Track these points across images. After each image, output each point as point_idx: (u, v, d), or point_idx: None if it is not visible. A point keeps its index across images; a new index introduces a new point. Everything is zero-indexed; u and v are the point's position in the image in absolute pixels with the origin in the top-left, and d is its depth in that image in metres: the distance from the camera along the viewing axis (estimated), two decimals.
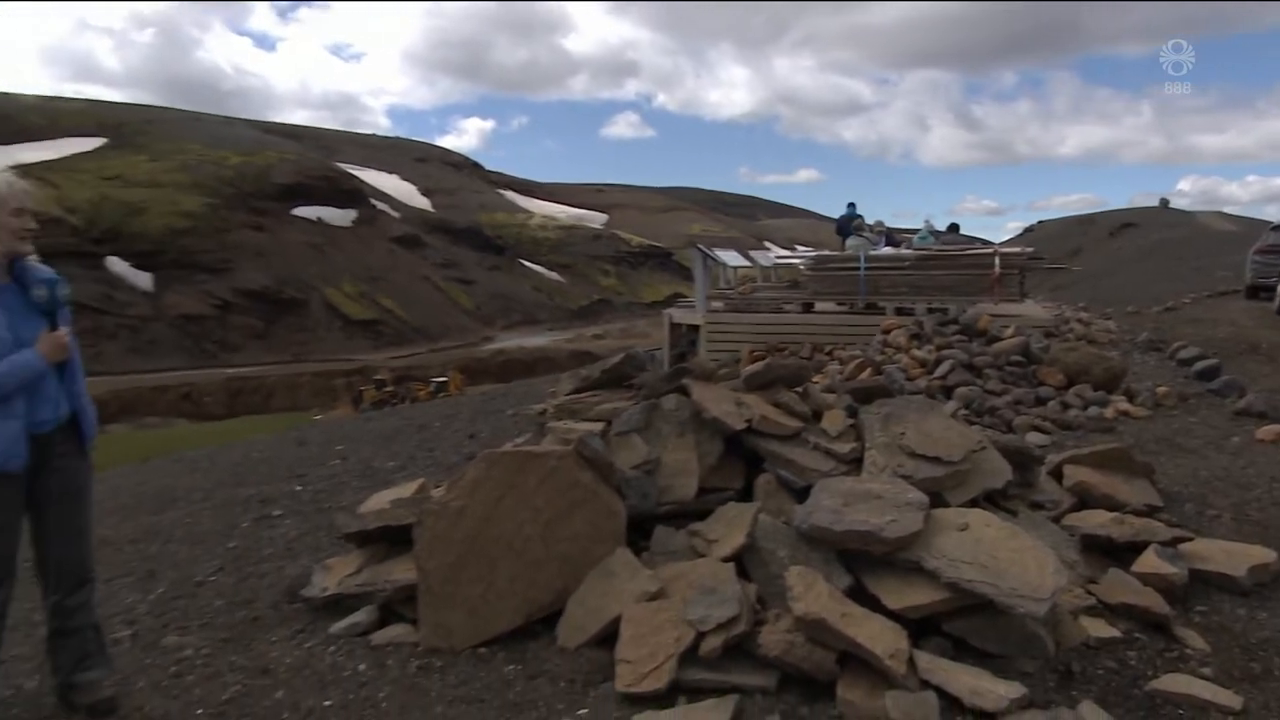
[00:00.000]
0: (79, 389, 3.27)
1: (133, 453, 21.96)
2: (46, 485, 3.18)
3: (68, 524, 3.26)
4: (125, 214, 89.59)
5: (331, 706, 3.29)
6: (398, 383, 54.41)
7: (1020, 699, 2.96)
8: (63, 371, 3.19)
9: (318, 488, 6.78)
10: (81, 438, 3.29)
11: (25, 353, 3.03)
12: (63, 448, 3.21)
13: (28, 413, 3.06)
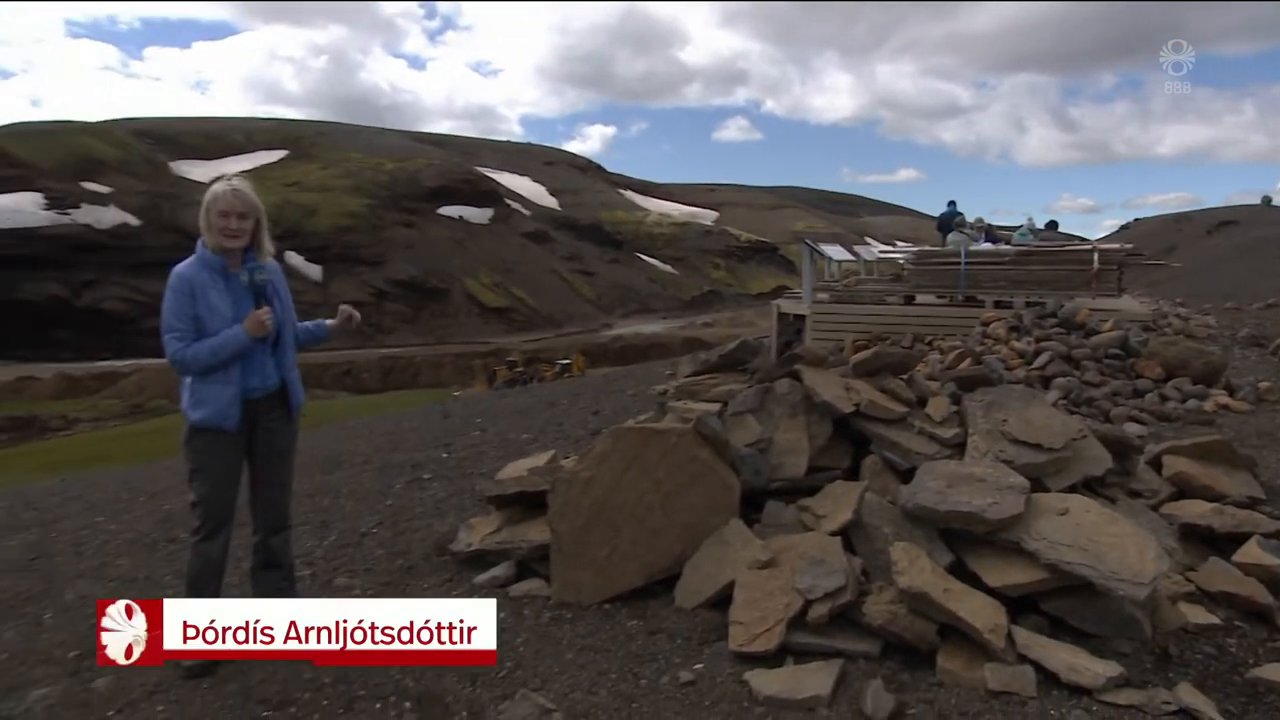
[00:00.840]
0: (288, 363, 3.47)
1: (305, 420, 23.02)
2: (259, 443, 3.42)
3: (274, 477, 3.51)
4: (301, 215, 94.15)
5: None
6: (527, 364, 55.38)
7: (1117, 678, 2.82)
8: (275, 347, 3.40)
9: (461, 455, 6.96)
10: (289, 405, 3.47)
11: (235, 329, 3.25)
12: (273, 412, 3.43)
13: (241, 380, 3.30)
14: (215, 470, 3.35)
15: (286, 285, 3.55)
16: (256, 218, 3.35)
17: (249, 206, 3.32)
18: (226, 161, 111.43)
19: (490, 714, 2.91)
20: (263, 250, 3.40)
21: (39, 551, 5.39)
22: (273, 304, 3.38)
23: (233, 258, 3.34)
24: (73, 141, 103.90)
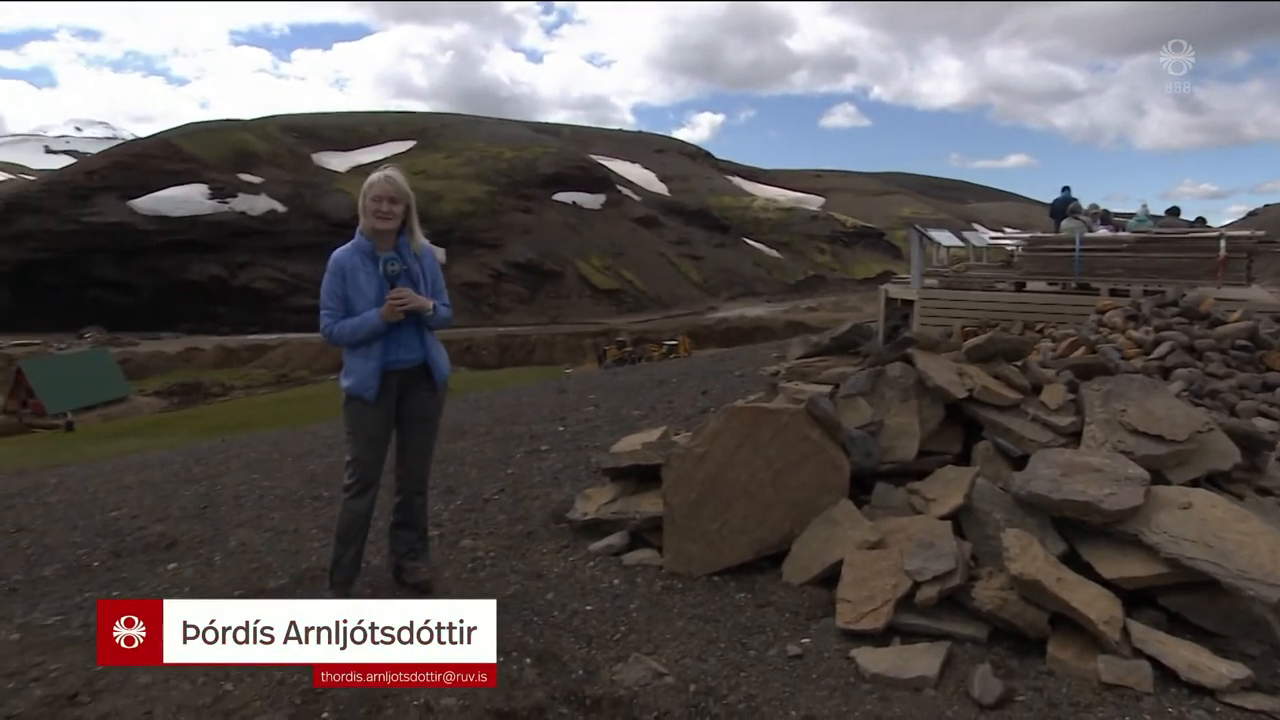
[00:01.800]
0: (429, 341, 3.57)
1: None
2: (405, 411, 3.59)
3: (417, 444, 3.67)
4: (428, 201, 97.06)
5: (592, 611, 3.45)
6: (635, 344, 55.76)
7: (1244, 680, 2.63)
8: (419, 326, 3.53)
9: (576, 429, 7.07)
10: (433, 378, 3.60)
11: (371, 313, 3.41)
12: (418, 384, 3.58)
13: (383, 355, 3.46)
14: (363, 434, 3.53)
15: (438, 267, 3.66)
16: (407, 204, 3.47)
17: (400, 192, 3.44)
18: (361, 153, 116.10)
19: (605, 674, 2.95)
20: (414, 234, 3.52)
21: (208, 501, 5.79)
22: (418, 287, 3.49)
23: (385, 241, 3.47)
24: (232, 138, 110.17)
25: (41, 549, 4.96)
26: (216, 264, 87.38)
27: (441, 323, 3.60)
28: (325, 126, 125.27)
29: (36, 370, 47.06)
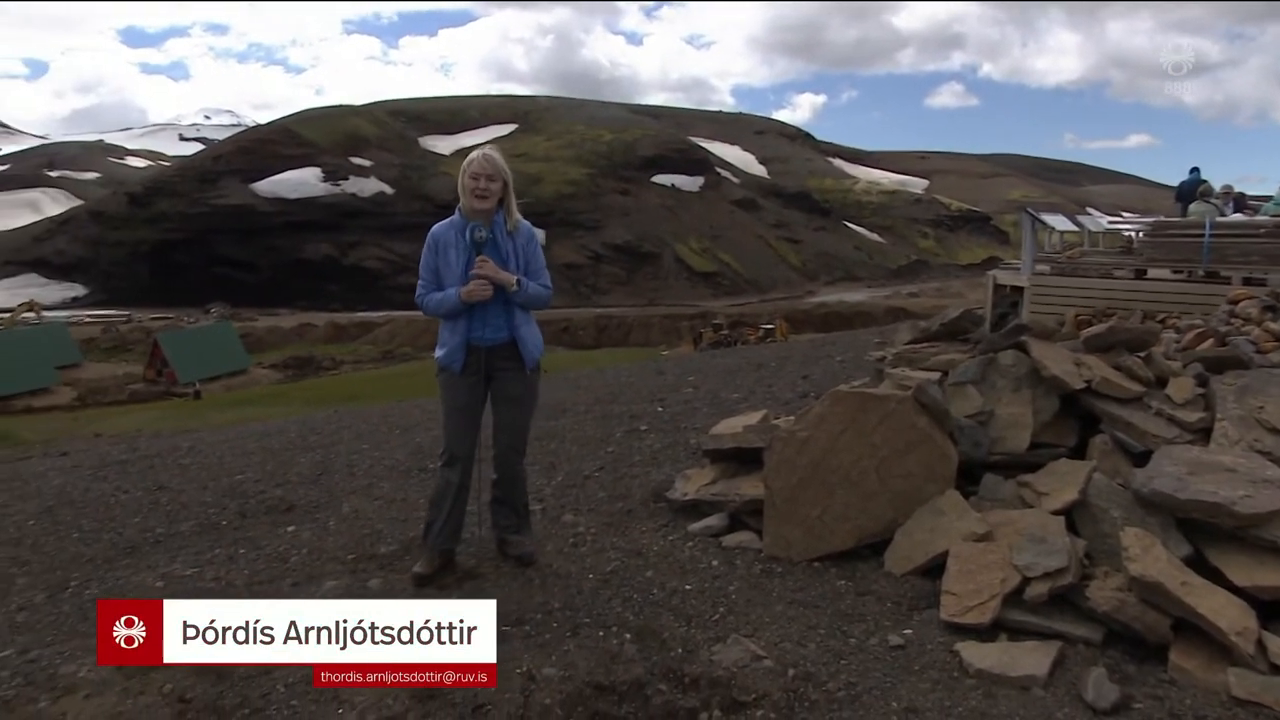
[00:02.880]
0: (516, 321, 3.57)
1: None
2: (494, 389, 3.66)
3: (506, 422, 3.70)
4: (528, 183, 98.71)
5: (691, 590, 3.46)
6: (732, 327, 55.42)
7: None
8: (508, 304, 3.56)
9: (675, 410, 7.09)
10: (521, 358, 3.62)
11: (450, 291, 3.51)
12: (505, 362, 3.61)
13: (468, 330, 3.55)
14: (450, 404, 3.64)
15: (537, 246, 3.67)
16: (504, 181, 3.51)
17: (496, 170, 3.49)
18: (464, 136, 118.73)
19: (704, 653, 2.97)
20: (510, 213, 3.56)
21: (322, 469, 6.09)
22: (507, 263, 3.52)
23: (483, 219, 3.52)
24: (344, 123, 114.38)
25: (178, 506, 5.33)
26: (329, 243, 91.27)
27: (533, 302, 3.59)
28: (431, 111, 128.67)
29: (170, 342, 50.30)
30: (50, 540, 4.88)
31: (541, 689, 2.78)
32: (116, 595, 3.83)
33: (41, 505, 5.74)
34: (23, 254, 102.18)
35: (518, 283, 3.50)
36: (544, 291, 3.62)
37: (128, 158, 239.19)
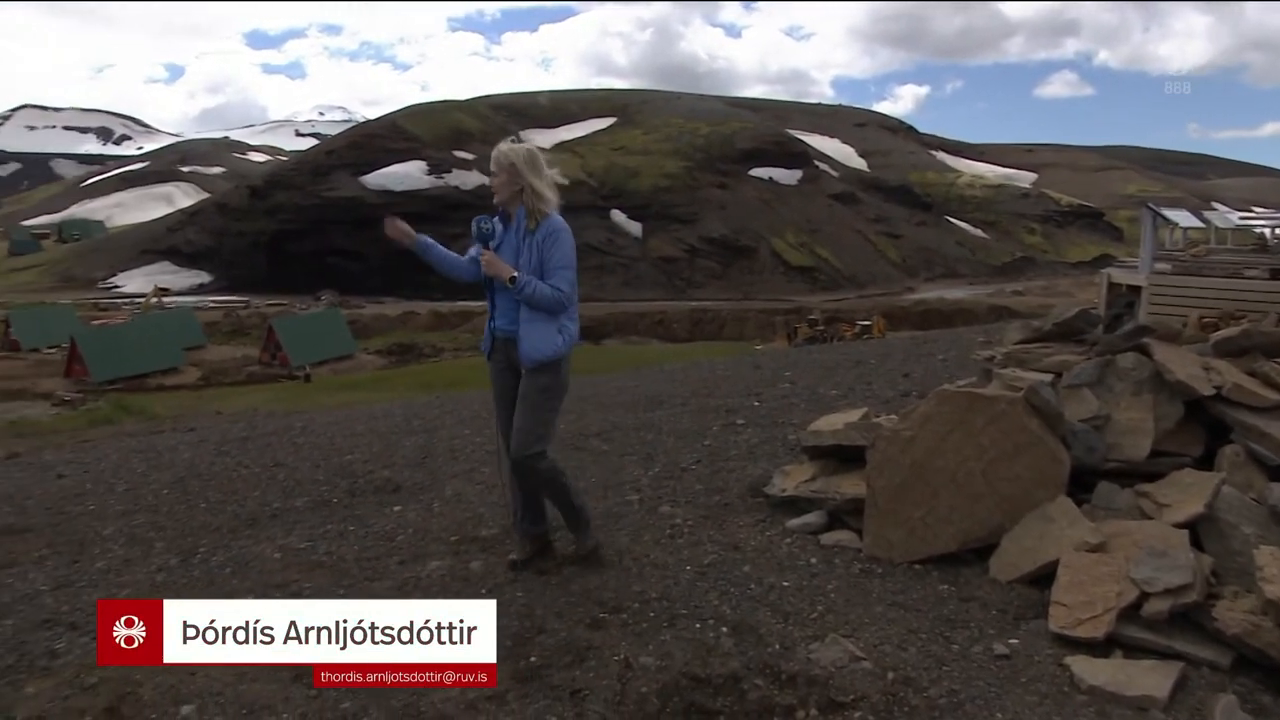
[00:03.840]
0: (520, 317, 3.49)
1: (625, 362, 24.65)
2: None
3: (516, 415, 3.57)
4: (625, 177, 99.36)
5: (789, 587, 3.42)
6: (828, 323, 54.42)
7: None
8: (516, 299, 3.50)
9: (772, 405, 7.02)
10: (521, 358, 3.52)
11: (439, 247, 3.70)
12: (512, 357, 3.59)
13: (490, 319, 3.66)
14: (493, 388, 3.75)
15: (558, 244, 3.47)
16: (510, 173, 3.49)
17: (497, 162, 3.52)
18: (563, 129, 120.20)
19: (801, 651, 2.93)
20: (530, 209, 3.49)
21: (426, 452, 6.29)
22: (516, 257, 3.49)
23: (510, 211, 3.55)
24: (448, 117, 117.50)
25: (293, 483, 5.60)
26: (432, 234, 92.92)
27: (535, 301, 3.44)
28: (531, 105, 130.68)
29: (284, 328, 52.83)
30: (181, 509, 5.20)
31: (638, 677, 2.80)
32: (240, 564, 4.06)
33: (174, 476, 6.13)
34: (158, 243, 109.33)
35: (512, 280, 3.43)
36: (549, 292, 3.43)
37: (250, 153, 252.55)
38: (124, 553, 4.41)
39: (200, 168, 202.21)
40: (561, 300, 3.47)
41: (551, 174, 3.55)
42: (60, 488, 6.18)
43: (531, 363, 3.51)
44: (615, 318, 68.34)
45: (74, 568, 4.22)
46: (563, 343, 3.52)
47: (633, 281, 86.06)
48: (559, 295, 3.45)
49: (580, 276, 3.63)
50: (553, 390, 3.58)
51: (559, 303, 3.47)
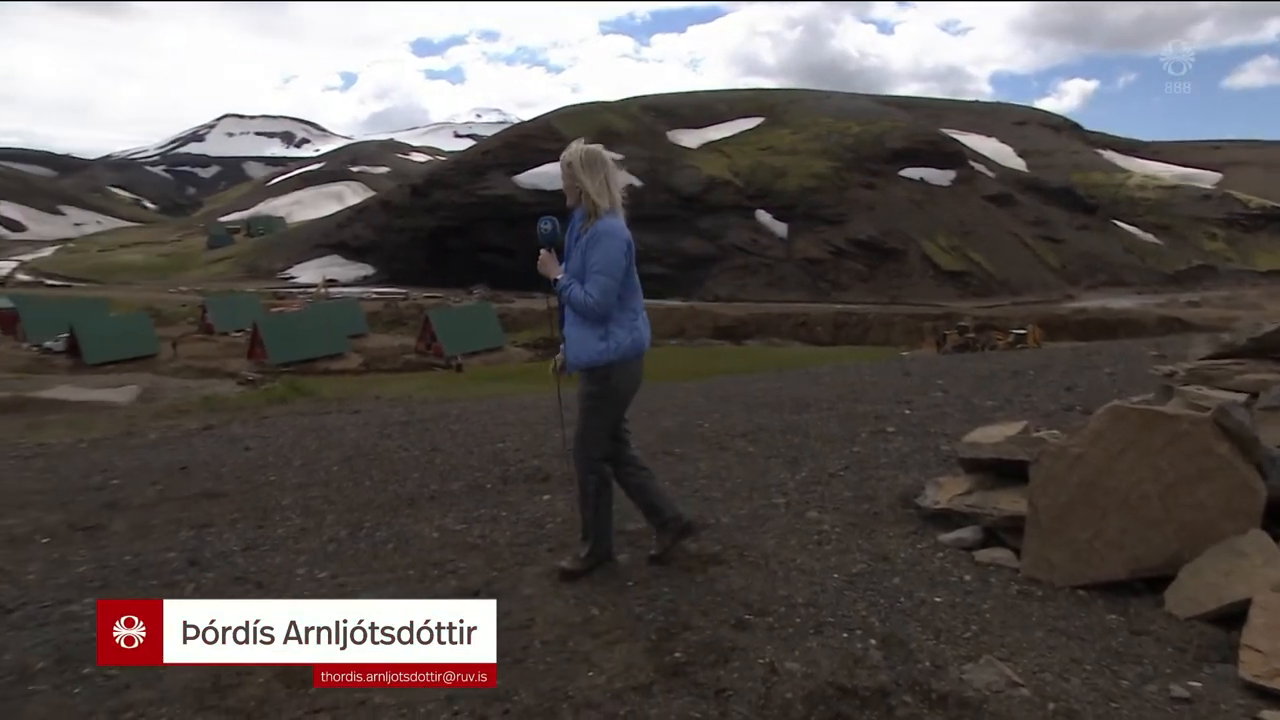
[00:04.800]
0: (569, 320, 3.50)
1: (767, 363, 24.44)
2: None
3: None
4: (772, 177, 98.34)
5: (941, 603, 3.29)
6: (979, 330, 51.92)
7: None
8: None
9: (923, 414, 6.76)
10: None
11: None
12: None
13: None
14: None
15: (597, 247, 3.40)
16: (569, 174, 3.48)
17: (562, 164, 3.50)
18: (711, 129, 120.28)
19: (953, 670, 2.81)
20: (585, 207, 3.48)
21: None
22: (565, 257, 3.51)
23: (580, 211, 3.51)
24: (598, 118, 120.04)
25: (449, 468, 5.88)
26: None
27: (569, 303, 3.43)
28: (679, 105, 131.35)
29: (439, 319, 55.66)
30: (349, 485, 5.57)
31: (783, 682, 2.77)
32: (401, 540, 4.30)
33: (343, 455, 6.58)
34: (329, 238, 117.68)
35: (554, 281, 3.47)
36: (579, 296, 3.38)
37: (412, 154, 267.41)
38: (300, 522, 4.77)
39: (368, 167, 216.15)
40: (589, 305, 3.35)
41: (614, 175, 3.49)
42: (246, 459, 6.75)
43: (574, 367, 3.51)
44: (757, 318, 67.84)
45: (259, 532, 4.60)
46: (607, 349, 3.41)
47: (776, 282, 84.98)
48: (586, 300, 3.35)
49: (723, 276, 3.62)
50: (598, 398, 3.51)
51: (587, 307, 3.36)
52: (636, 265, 3.58)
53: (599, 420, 3.53)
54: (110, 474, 6.42)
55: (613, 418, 3.56)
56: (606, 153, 3.52)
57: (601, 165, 3.45)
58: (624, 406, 3.59)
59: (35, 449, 8.45)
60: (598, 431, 3.55)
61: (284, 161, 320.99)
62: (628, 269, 3.43)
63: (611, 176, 3.46)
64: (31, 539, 4.69)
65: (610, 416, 3.55)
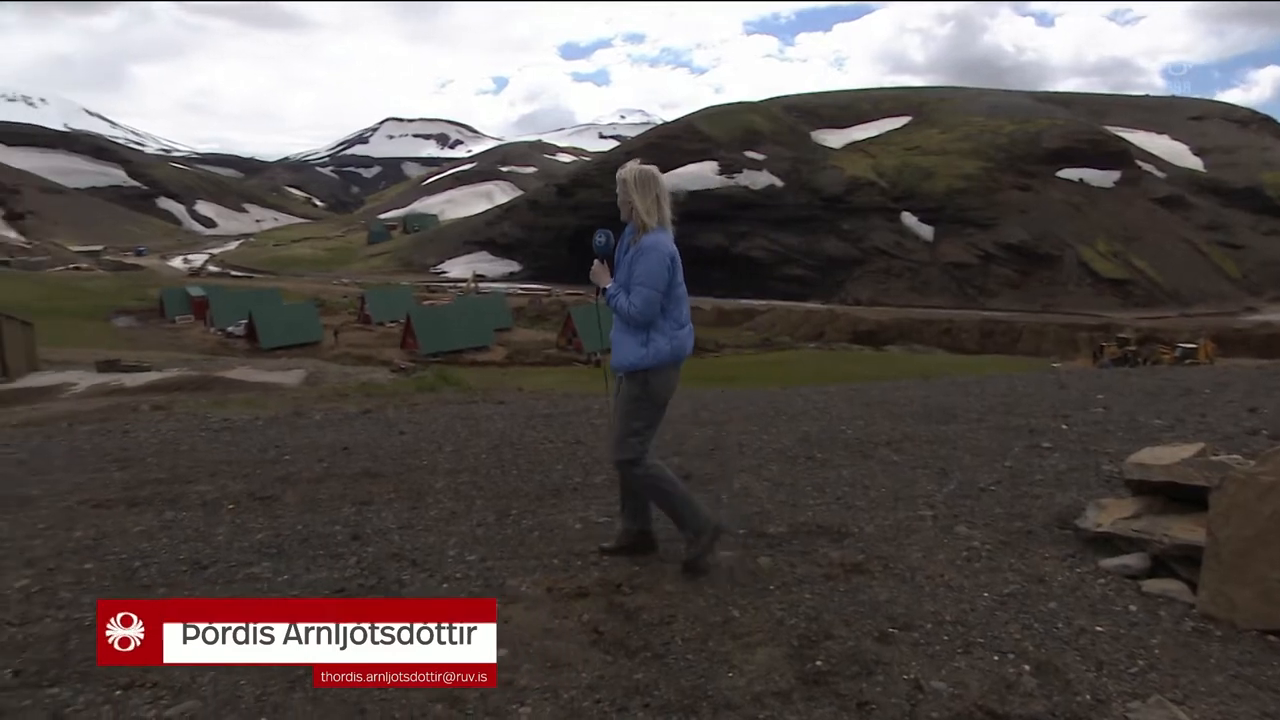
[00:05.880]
0: (617, 326, 3.70)
1: (909, 370, 23.63)
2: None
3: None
4: (919, 178, 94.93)
5: (1103, 634, 3.07)
6: (1141, 343, 48.35)
7: None
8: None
9: (1082, 430, 6.33)
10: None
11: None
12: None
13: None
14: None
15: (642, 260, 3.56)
16: (622, 191, 3.64)
17: (617, 181, 3.68)
18: (855, 129, 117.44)
19: (1116, 707, 2.63)
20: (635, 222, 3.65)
21: (714, 444, 6.43)
22: (616, 272, 3.68)
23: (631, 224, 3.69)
24: (740, 119, 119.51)
25: (592, 461, 5.99)
26: (720, 233, 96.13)
27: (616, 311, 3.63)
28: (823, 105, 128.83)
29: (580, 316, 57.03)
30: (496, 473, 5.78)
31: (929, 700, 2.67)
32: (545, 529, 4.42)
33: (490, 443, 6.83)
34: (478, 235, 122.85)
35: (601, 291, 3.69)
36: (623, 305, 3.59)
37: (558, 154, 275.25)
38: (451, 505, 4.99)
39: (516, 167, 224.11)
40: (631, 314, 3.56)
41: (665, 195, 3.66)
42: (402, 443, 7.13)
43: (616, 369, 3.71)
44: (899, 323, 65.74)
45: (414, 512, 4.85)
46: (647, 355, 3.60)
47: (920, 287, 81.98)
48: (629, 309, 3.56)
49: (865, 279, 3.63)
50: (640, 401, 3.67)
51: (630, 316, 3.57)
52: (779, 267, 3.68)
53: (637, 422, 3.70)
54: (283, 450, 6.93)
55: (650, 419, 3.73)
56: (660, 174, 3.70)
57: (653, 185, 3.64)
58: (662, 410, 3.77)
59: (221, 423, 9.24)
60: (636, 433, 3.71)
61: (439, 162, 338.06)
62: (671, 282, 3.61)
63: (663, 196, 3.65)
64: (220, 504, 5.13)
65: (647, 418, 3.72)
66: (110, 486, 5.72)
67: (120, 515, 4.95)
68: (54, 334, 44.24)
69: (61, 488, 5.71)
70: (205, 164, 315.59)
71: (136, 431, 8.64)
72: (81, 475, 6.13)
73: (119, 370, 36.12)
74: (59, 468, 6.52)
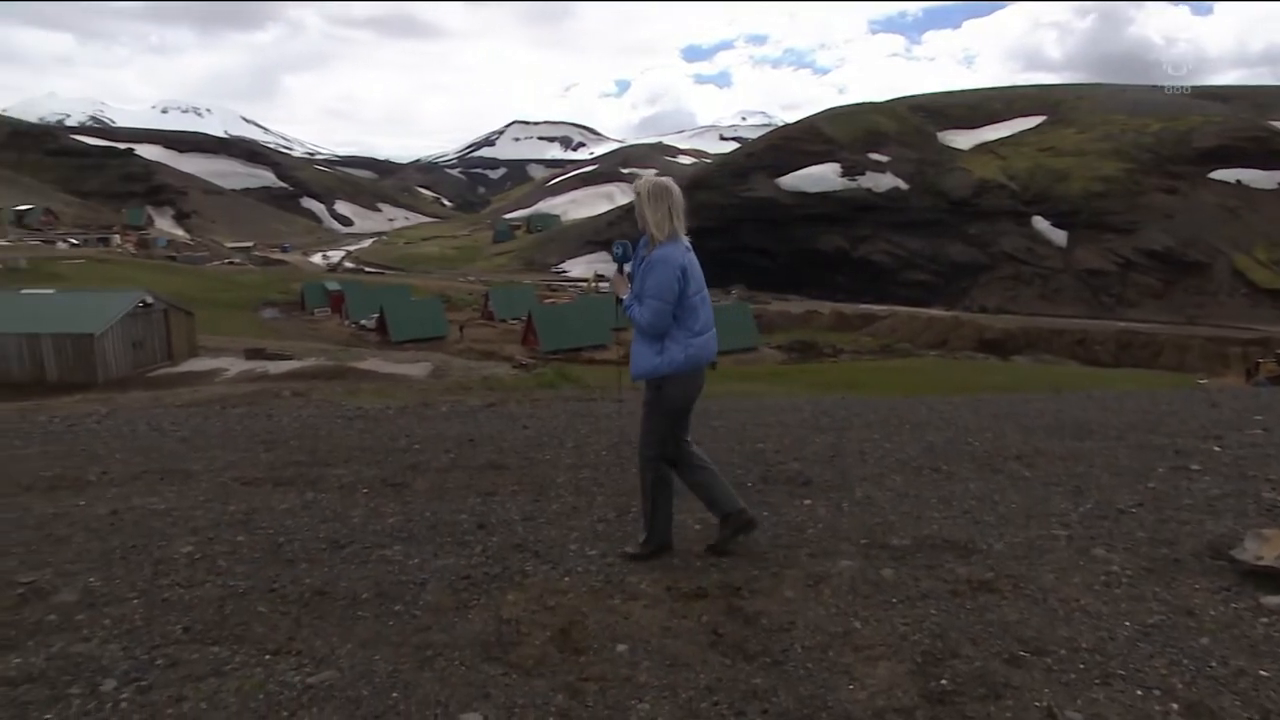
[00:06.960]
0: (636, 335, 3.77)
1: (1038, 381, 22.45)
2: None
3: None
4: (1052, 180, 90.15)
5: (1267, 678, 2.81)
6: None
7: None
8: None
9: (1238, 453, 5.85)
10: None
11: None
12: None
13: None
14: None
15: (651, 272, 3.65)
16: (637, 204, 3.72)
17: (633, 194, 3.79)
18: (985, 130, 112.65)
19: None
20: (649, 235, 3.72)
21: (835, 451, 6.32)
22: (632, 282, 3.78)
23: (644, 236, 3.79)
24: (864, 119, 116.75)
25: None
26: (841, 236, 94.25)
27: (630, 319, 3.74)
28: (951, 105, 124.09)
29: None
30: (615, 470, 5.86)
31: None
32: None
33: (610, 441, 6.94)
34: (598, 235, 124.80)
35: (617, 300, 3.87)
36: (635, 314, 3.70)
37: (679, 156, 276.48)
38: (573, 500, 5.09)
39: (637, 169, 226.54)
40: (641, 325, 3.69)
41: (679, 209, 3.72)
42: (525, 437, 7.33)
43: (633, 376, 3.85)
44: (1028, 333, 62.63)
45: (536, 505, 4.98)
46: (661, 363, 3.71)
47: (1051, 295, 77.75)
48: (640, 321, 3.69)
49: (992, 285, 3.51)
50: (654, 406, 3.85)
51: (640, 326, 3.70)
52: (902, 272, 3.66)
53: (655, 425, 3.89)
54: (412, 439, 7.26)
55: (668, 423, 3.88)
56: (675, 187, 3.76)
57: (666, 198, 3.69)
58: (681, 414, 3.90)
59: (355, 411, 9.77)
60: (655, 434, 3.90)
61: (562, 164, 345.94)
62: (683, 293, 3.67)
63: (675, 209, 3.71)
64: (355, 488, 5.42)
65: (665, 422, 3.88)
66: (258, 465, 6.17)
67: (267, 493, 5.32)
68: (210, 323, 48.25)
69: (217, 464, 6.20)
70: (344, 166, 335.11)
71: (279, 416, 9.26)
72: (234, 454, 6.63)
73: (264, 358, 38.87)
74: (215, 446, 7.07)
